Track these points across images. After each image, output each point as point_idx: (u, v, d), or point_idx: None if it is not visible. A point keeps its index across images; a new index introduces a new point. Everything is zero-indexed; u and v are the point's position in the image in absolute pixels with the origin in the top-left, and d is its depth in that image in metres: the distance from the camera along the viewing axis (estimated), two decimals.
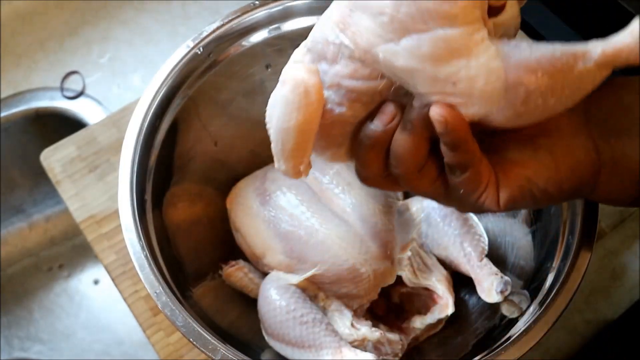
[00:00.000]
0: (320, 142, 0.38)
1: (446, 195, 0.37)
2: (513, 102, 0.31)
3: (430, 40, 0.31)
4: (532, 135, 0.35)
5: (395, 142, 0.35)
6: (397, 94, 0.34)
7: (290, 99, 0.33)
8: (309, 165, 0.37)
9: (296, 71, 0.33)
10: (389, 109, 0.35)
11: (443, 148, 0.34)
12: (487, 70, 0.31)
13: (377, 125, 0.35)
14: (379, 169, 0.37)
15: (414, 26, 0.31)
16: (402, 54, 0.31)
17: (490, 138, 0.36)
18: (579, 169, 0.36)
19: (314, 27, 0.35)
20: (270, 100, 0.36)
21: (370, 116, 0.35)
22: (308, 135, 0.35)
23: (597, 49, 0.30)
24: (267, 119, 0.36)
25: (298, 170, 0.37)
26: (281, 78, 0.34)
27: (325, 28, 0.34)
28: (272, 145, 0.37)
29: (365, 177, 0.38)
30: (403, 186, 0.37)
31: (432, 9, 0.30)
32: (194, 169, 0.58)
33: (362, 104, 0.35)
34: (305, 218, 0.51)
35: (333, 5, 0.34)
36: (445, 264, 0.52)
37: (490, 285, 0.48)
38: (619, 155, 0.36)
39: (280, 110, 0.34)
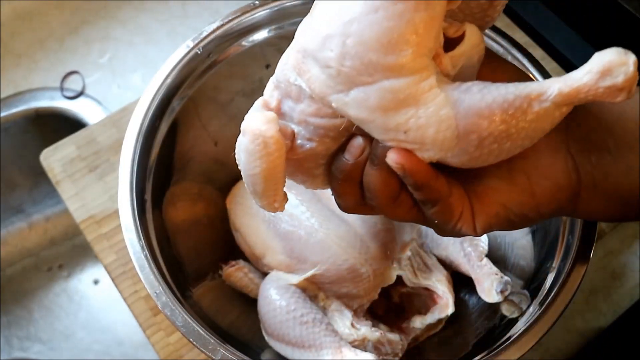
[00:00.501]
0: (296, 175, 0.38)
1: (425, 222, 0.37)
2: (467, 148, 0.31)
3: (377, 92, 0.30)
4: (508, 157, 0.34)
5: (366, 176, 0.35)
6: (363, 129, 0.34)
7: (251, 149, 0.34)
8: (284, 200, 0.37)
9: (254, 122, 0.33)
10: (358, 143, 0.34)
11: (408, 187, 0.34)
12: (436, 119, 0.30)
13: (347, 159, 0.35)
14: (355, 199, 0.37)
15: (360, 79, 0.30)
16: (352, 105, 0.31)
17: None
18: (557, 192, 0.35)
19: (279, 62, 0.35)
20: (236, 145, 0.36)
21: (342, 148, 0.35)
22: (274, 179, 0.35)
23: (554, 88, 0.29)
24: (237, 161, 0.36)
25: (273, 206, 0.37)
26: (242, 126, 0.34)
27: (286, 68, 0.34)
28: (245, 186, 0.37)
29: (344, 207, 0.38)
30: (381, 214, 0.37)
31: (375, 62, 0.30)
32: (193, 169, 0.58)
33: (331, 139, 0.35)
34: (305, 218, 0.51)
35: (289, 48, 0.34)
36: (445, 264, 0.52)
37: (490, 285, 0.48)
38: (600, 174, 0.35)
39: (244, 158, 0.35)
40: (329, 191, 0.52)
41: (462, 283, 0.52)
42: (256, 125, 0.33)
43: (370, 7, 0.29)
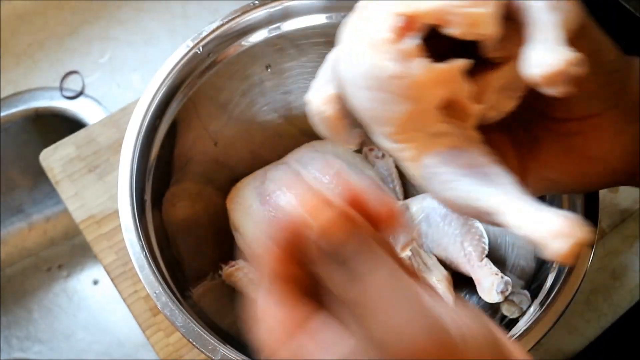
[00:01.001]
0: None
1: None
2: None
3: (379, 139, 0.34)
4: (569, 132, 0.34)
5: None
6: None
7: (314, 119, 0.37)
8: (355, 140, 0.39)
9: (315, 100, 0.36)
10: None
11: None
12: (417, 178, 0.33)
13: None
14: None
15: (367, 124, 0.34)
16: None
17: (523, 131, 0.36)
18: (609, 176, 0.34)
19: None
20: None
21: None
22: (338, 135, 0.37)
23: (504, 219, 0.29)
24: None
25: (347, 147, 0.43)
26: (306, 97, 0.37)
27: None
28: None
29: None
30: None
31: (367, 123, 0.33)
32: (193, 169, 0.57)
33: None
34: None
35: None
36: (445, 264, 0.52)
37: (490, 285, 0.48)
38: None
39: (312, 120, 0.38)
40: (329, 191, 0.52)
41: (462, 283, 0.52)
42: (316, 103, 0.36)
43: (366, 83, 0.31)
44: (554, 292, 0.44)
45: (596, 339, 0.58)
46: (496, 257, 0.52)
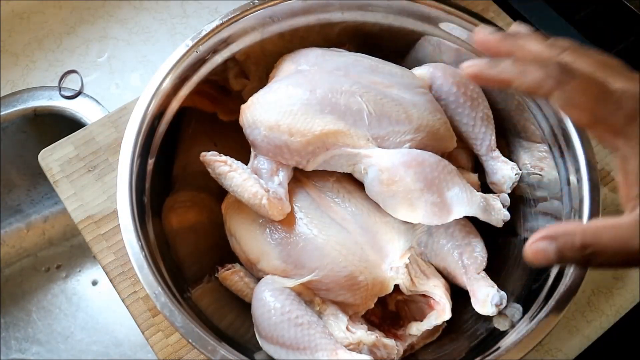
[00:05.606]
0: None
1: None
2: None
3: None
4: None
5: None
6: None
7: None
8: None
9: None
10: None
11: None
12: None
13: None
14: None
15: None
16: None
17: None
18: None
19: None
20: None
21: None
22: None
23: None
24: None
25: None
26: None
27: None
28: None
29: None
30: None
31: None
32: (192, 170, 0.57)
33: None
34: (303, 224, 0.50)
35: None
36: (442, 274, 0.51)
37: (485, 297, 0.48)
38: None
39: None
40: (328, 198, 0.51)
41: (458, 293, 0.51)
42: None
43: None
44: (555, 292, 0.44)
45: (597, 340, 0.58)
46: (491, 268, 0.51)
